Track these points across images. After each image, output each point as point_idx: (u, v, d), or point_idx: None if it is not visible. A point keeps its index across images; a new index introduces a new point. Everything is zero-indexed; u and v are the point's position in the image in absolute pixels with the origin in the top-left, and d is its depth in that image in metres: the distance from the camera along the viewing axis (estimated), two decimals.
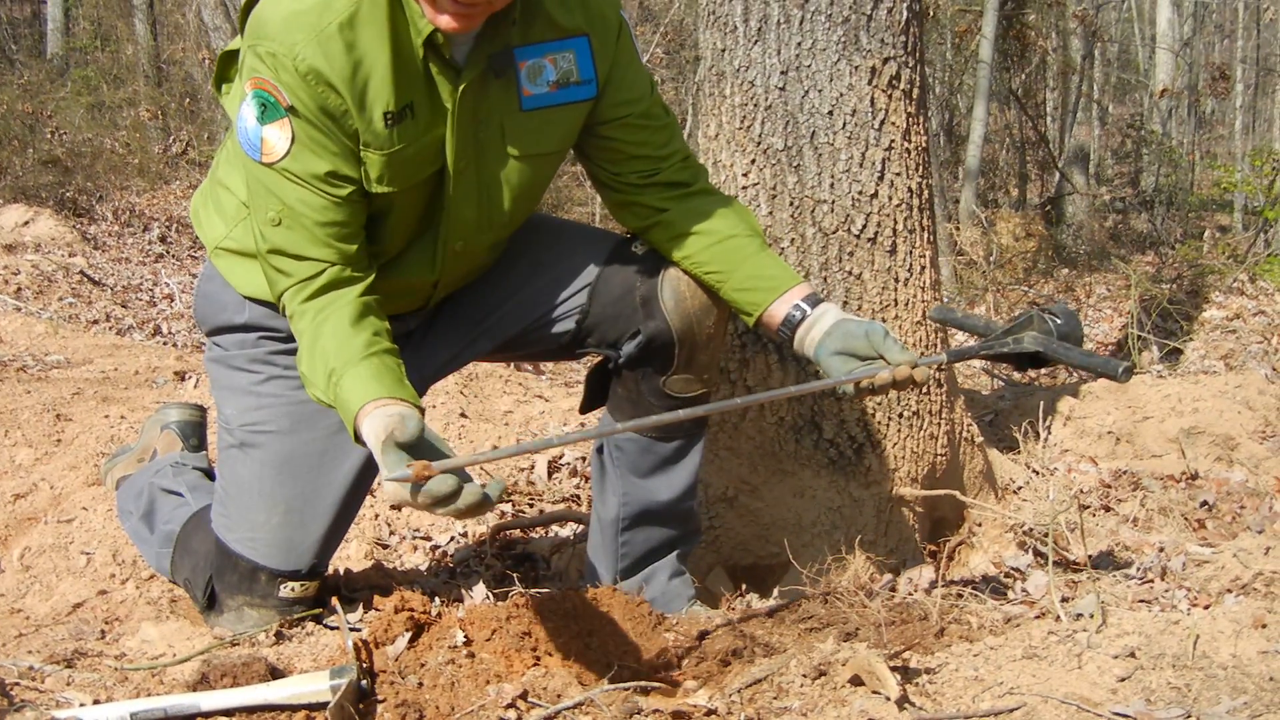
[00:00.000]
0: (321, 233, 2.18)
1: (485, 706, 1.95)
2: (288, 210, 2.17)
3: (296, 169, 2.15)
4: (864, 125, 2.93)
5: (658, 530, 2.66)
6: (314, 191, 2.16)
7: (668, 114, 2.49)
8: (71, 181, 11.08)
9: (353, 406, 2.04)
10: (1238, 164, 15.06)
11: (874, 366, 2.24)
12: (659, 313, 2.45)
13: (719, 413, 2.92)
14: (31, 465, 3.55)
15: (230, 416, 2.49)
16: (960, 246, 12.00)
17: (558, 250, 2.56)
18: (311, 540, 2.46)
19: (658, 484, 2.61)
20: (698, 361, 2.50)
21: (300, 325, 2.20)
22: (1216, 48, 23.58)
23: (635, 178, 2.46)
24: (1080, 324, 2.31)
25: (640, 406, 2.52)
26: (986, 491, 3.32)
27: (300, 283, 2.19)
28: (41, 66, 15.40)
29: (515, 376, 4.78)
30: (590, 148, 2.47)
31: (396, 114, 2.17)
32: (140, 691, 2.12)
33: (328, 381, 2.10)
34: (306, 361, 2.16)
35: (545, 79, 2.31)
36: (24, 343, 5.83)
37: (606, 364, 2.58)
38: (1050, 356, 2.26)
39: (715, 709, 1.95)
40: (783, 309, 2.38)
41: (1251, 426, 3.77)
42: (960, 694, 1.93)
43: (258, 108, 2.13)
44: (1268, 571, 2.37)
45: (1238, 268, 10.08)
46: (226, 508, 2.50)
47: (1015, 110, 15.95)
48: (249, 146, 2.17)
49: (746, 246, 2.43)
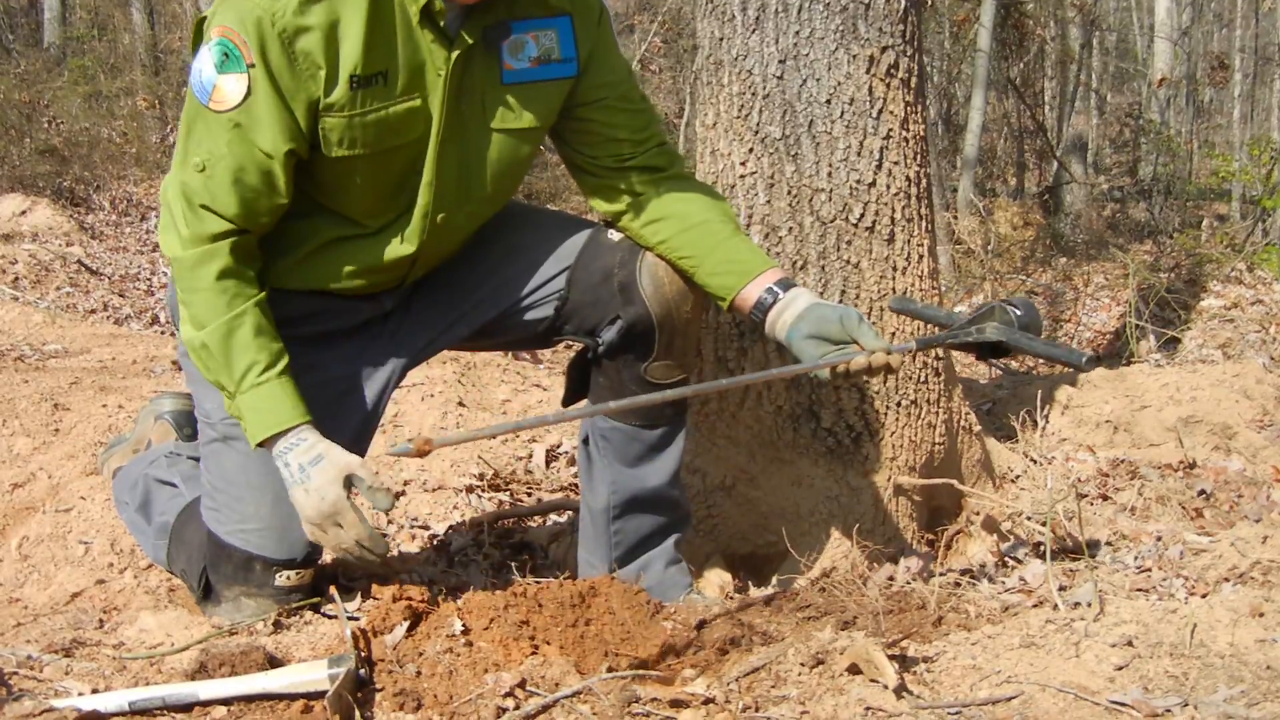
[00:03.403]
0: (240, 190, 2.20)
1: (483, 695, 1.95)
2: (216, 159, 2.19)
3: (243, 121, 2.17)
4: (862, 114, 2.93)
5: (649, 517, 2.67)
6: (250, 149, 2.18)
7: (644, 100, 2.55)
8: (69, 171, 11.07)
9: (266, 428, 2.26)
10: (1236, 153, 15.04)
11: (849, 351, 2.29)
12: (638, 298, 2.47)
13: (702, 394, 2.93)
14: (29, 455, 3.54)
15: (210, 410, 2.48)
16: (958, 235, 11.99)
17: (534, 236, 2.58)
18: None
19: (645, 471, 2.62)
20: (677, 347, 2.53)
21: (187, 274, 2.26)
22: (1215, 37, 23.52)
23: (611, 161, 2.50)
24: (1039, 315, 2.40)
25: (622, 394, 2.54)
26: (984, 480, 3.32)
27: (197, 236, 2.23)
28: (38, 56, 15.35)
29: (513, 365, 4.78)
30: (568, 131, 2.51)
31: (364, 79, 2.20)
32: (138, 680, 2.12)
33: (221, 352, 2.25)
34: (195, 309, 2.26)
35: (527, 55, 2.36)
36: (21, 332, 5.83)
37: (586, 355, 2.60)
38: (1012, 346, 2.34)
39: (713, 697, 1.95)
40: (755, 292, 2.43)
41: (1249, 415, 3.77)
42: (958, 682, 1.93)
43: (219, 55, 2.15)
44: (1265, 560, 2.37)
45: (1236, 257, 10.07)
46: (215, 500, 2.49)
47: (1013, 99, 15.92)
48: (200, 90, 2.18)
49: (720, 231, 2.47)
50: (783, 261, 2.94)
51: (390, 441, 3.76)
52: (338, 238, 2.39)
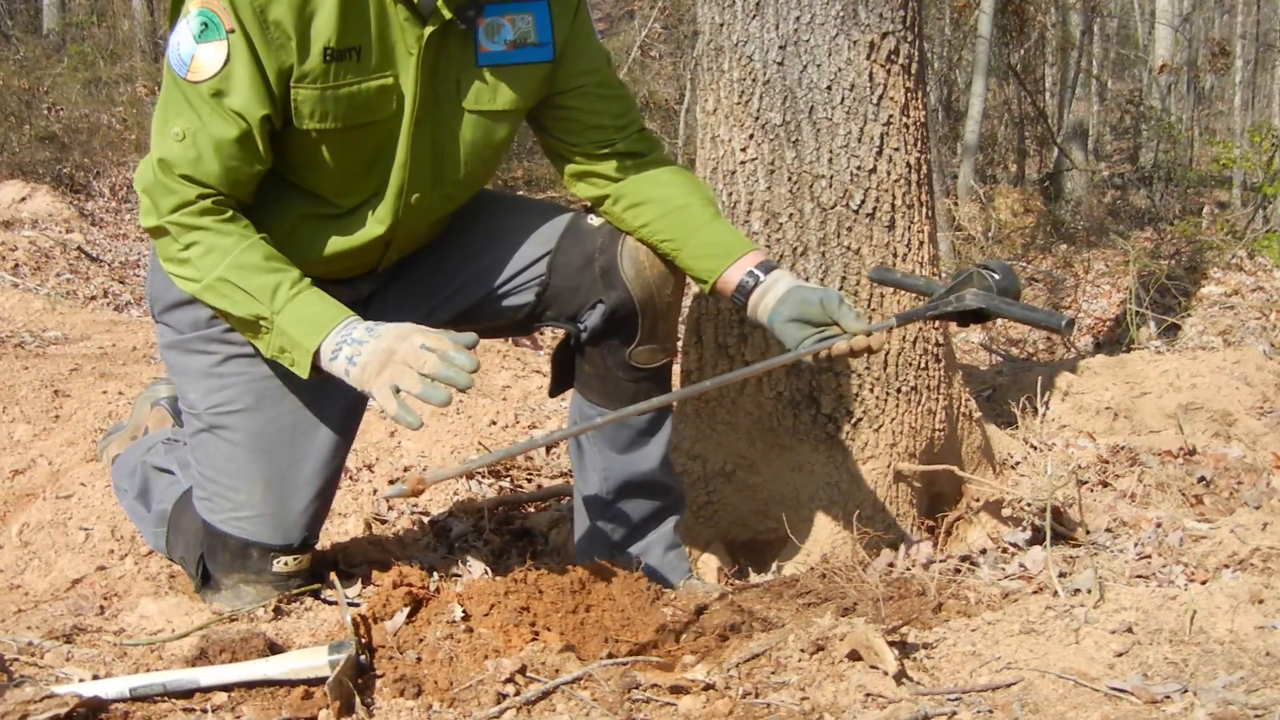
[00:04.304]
0: (221, 157, 2.19)
1: (484, 681, 1.95)
2: (196, 129, 2.18)
3: (222, 88, 2.16)
4: (862, 100, 2.92)
5: (643, 502, 2.68)
6: (230, 116, 2.17)
7: (623, 86, 2.57)
8: (68, 157, 11.06)
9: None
10: (1237, 140, 15.03)
11: (831, 337, 2.30)
12: (620, 283, 2.48)
13: (686, 398, 2.94)
14: (30, 441, 3.55)
15: (194, 401, 2.48)
16: (959, 222, 11.99)
17: (514, 222, 2.59)
18: (296, 512, 2.47)
19: (635, 456, 2.64)
20: (660, 330, 2.55)
21: (179, 236, 2.22)
22: (1216, 23, 23.49)
23: (592, 148, 2.52)
24: (1018, 278, 2.39)
25: (609, 381, 2.57)
26: (984, 467, 3.32)
27: (182, 202, 2.21)
28: (38, 42, 15.34)
29: (514, 352, 4.78)
30: (548, 119, 2.53)
31: (338, 52, 2.20)
32: (139, 667, 2.12)
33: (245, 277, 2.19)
34: (199, 259, 2.21)
35: (503, 38, 2.36)
36: (21, 319, 5.82)
37: (569, 343, 2.60)
38: (992, 312, 2.32)
39: (713, 683, 1.95)
40: (736, 275, 2.44)
41: (1249, 402, 3.78)
42: (958, 669, 1.94)
43: (198, 26, 2.14)
44: (1264, 547, 2.38)
45: (1236, 244, 10.08)
46: (206, 490, 2.50)
47: (1014, 85, 15.91)
48: (178, 63, 2.17)
49: (700, 215, 2.48)
50: (783, 248, 2.94)
51: (392, 440, 3.76)
52: (309, 215, 2.38)
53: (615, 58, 16.21)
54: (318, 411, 2.38)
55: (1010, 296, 2.33)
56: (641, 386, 2.57)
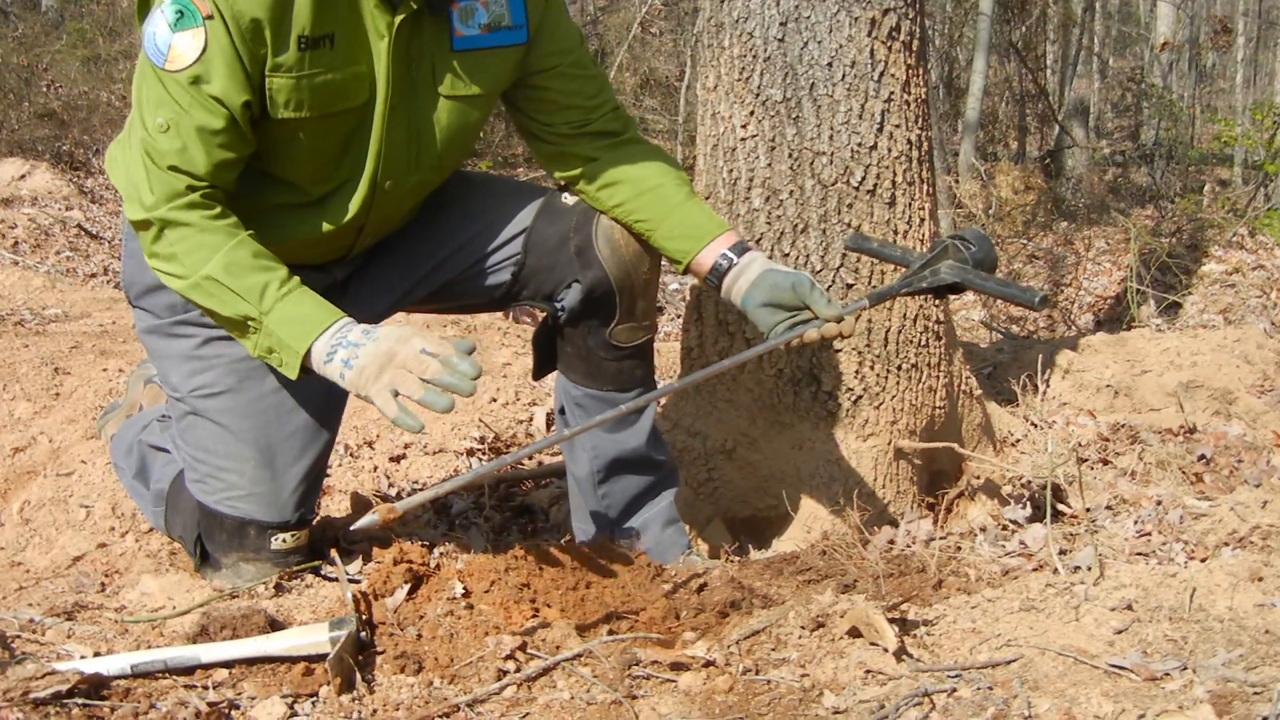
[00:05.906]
0: (206, 145, 2.17)
1: (484, 658, 1.95)
2: (178, 118, 2.16)
3: (201, 74, 2.14)
4: (863, 77, 2.91)
5: (635, 478, 2.68)
6: (210, 103, 2.15)
7: (597, 66, 2.57)
8: (68, 135, 11.03)
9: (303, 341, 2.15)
10: (1238, 118, 14.99)
11: (801, 323, 2.31)
12: (595, 262, 2.48)
13: (665, 395, 2.94)
14: (30, 419, 3.55)
15: (177, 384, 2.48)
16: (959, 199, 11.96)
17: (489, 201, 2.59)
18: (289, 489, 2.47)
19: (623, 435, 2.64)
20: (639, 308, 2.55)
21: (166, 231, 2.19)
22: (1218, 1, 23.42)
23: (567, 128, 2.51)
24: (994, 248, 2.37)
25: (591, 361, 2.58)
26: (985, 444, 3.32)
27: (171, 193, 2.18)
28: (36, 19, 15.29)
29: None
30: (522, 99, 2.53)
31: (312, 40, 2.18)
32: (140, 644, 2.13)
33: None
34: (185, 255, 2.18)
35: (477, 21, 2.36)
36: (21, 296, 5.82)
37: (549, 325, 2.60)
38: (967, 286, 2.31)
39: (713, 660, 1.95)
40: (710, 257, 2.45)
41: (1249, 380, 3.77)
42: (958, 645, 1.94)
43: (174, 14, 2.11)
44: (1264, 525, 2.38)
45: (1237, 222, 10.06)
46: (197, 472, 2.50)
47: (1015, 63, 15.84)
48: (155, 53, 2.15)
49: (674, 195, 2.49)
50: (784, 224, 2.93)
51: None
52: (280, 204, 2.36)
53: (616, 34, 16.17)
54: (301, 388, 2.38)
55: (986, 268, 2.32)
56: (624, 364, 2.58)
